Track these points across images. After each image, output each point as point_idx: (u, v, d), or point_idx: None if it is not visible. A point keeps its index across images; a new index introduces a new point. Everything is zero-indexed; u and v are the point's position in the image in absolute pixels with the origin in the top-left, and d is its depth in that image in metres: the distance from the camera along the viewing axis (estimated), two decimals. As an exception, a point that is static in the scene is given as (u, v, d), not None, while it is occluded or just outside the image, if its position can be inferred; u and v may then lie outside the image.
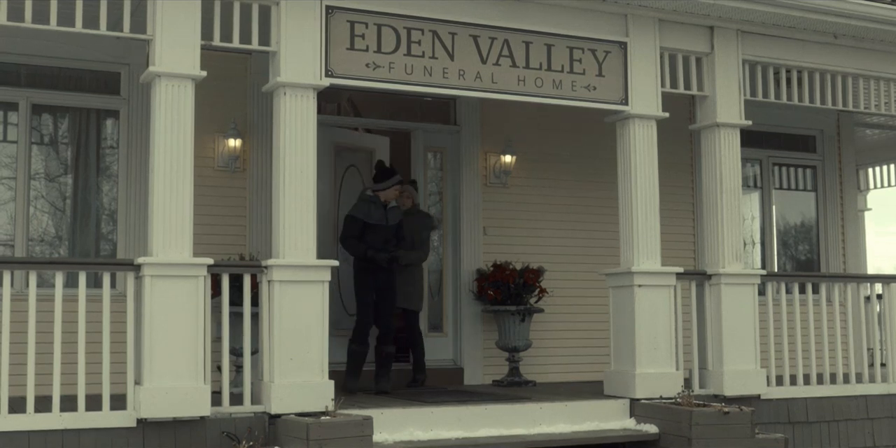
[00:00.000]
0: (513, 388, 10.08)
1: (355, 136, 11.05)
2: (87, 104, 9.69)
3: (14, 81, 9.44)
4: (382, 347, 9.55)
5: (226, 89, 9.82)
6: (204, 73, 7.63)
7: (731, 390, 9.20)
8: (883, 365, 10.39)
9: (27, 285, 7.25)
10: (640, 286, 8.98)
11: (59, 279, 7.23)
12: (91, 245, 9.74)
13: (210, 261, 7.50)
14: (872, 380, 10.16)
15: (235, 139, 9.93)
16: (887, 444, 9.94)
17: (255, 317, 7.80)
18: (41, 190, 9.62)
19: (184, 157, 7.47)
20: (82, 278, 7.28)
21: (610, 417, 8.74)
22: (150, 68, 7.53)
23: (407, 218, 9.96)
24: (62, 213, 9.71)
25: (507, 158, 11.14)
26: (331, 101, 10.59)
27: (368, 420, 7.15)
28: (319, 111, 8.12)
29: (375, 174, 9.87)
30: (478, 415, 8.10)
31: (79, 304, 7.20)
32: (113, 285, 7.61)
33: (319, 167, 8.08)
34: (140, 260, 7.32)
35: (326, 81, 8.02)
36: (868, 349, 10.52)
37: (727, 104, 9.60)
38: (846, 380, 10.01)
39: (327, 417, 7.23)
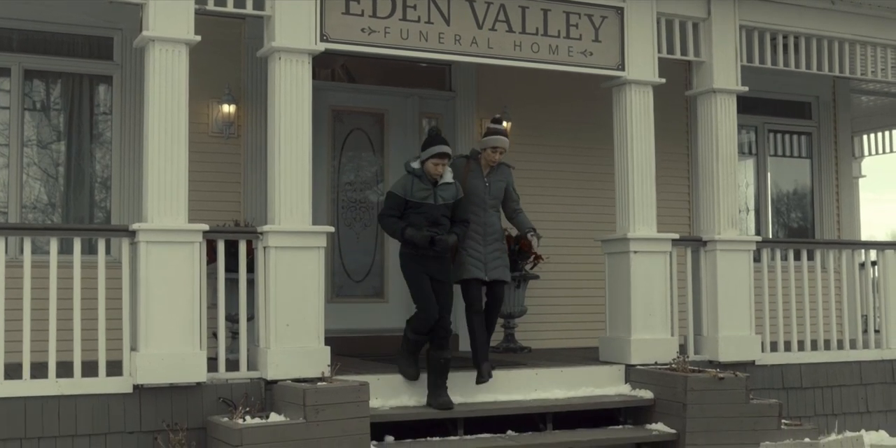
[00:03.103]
0: (508, 354, 10.10)
1: (358, 98, 10.94)
2: (79, 69, 9.63)
3: (6, 47, 9.36)
4: (437, 353, 7.92)
5: (220, 55, 9.75)
6: (198, 38, 7.57)
7: (725, 356, 9.24)
8: (877, 331, 10.44)
9: (21, 252, 7.23)
10: (635, 252, 8.98)
11: (54, 245, 7.20)
12: (85, 212, 9.70)
13: (205, 227, 7.47)
14: (866, 346, 10.22)
15: (230, 105, 9.89)
16: (880, 410, 9.99)
17: (251, 283, 7.79)
18: (34, 157, 9.57)
19: (178, 122, 7.43)
20: (77, 244, 7.26)
21: (605, 383, 8.78)
22: (144, 33, 7.47)
23: (493, 180, 8.45)
24: (55, 180, 9.66)
25: (504, 124, 11.07)
26: (325, 67, 10.52)
27: (365, 386, 7.16)
28: (313, 77, 8.07)
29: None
30: (474, 380, 8.10)
31: (74, 271, 7.18)
32: (108, 252, 7.62)
33: (315, 132, 8.04)
34: (135, 226, 7.29)
35: (321, 46, 7.96)
36: (862, 316, 10.56)
37: (724, 70, 9.57)
38: (840, 346, 10.05)
39: (324, 383, 7.24)
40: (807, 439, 8.34)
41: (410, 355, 8.07)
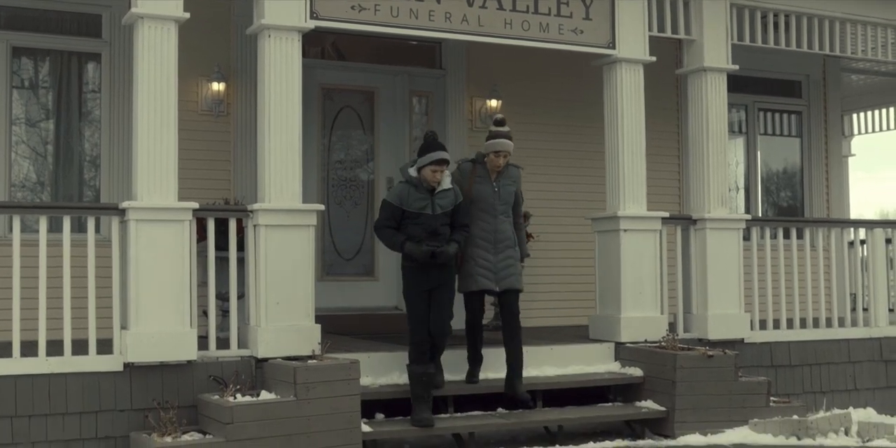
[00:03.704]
0: (498, 331, 10.07)
1: (348, 76, 10.89)
2: (68, 47, 9.58)
3: (-7, 24, 9.32)
4: (424, 366, 7.53)
5: (209, 32, 9.71)
6: (187, 15, 7.53)
7: (715, 334, 9.27)
8: (865, 309, 10.48)
9: (10, 230, 7.21)
10: (625, 231, 9.00)
11: (43, 224, 7.18)
12: (74, 191, 9.67)
13: (195, 205, 7.46)
14: (854, 324, 10.26)
15: (219, 83, 9.85)
16: (868, 387, 10.05)
17: (241, 261, 7.79)
18: (22, 135, 9.52)
19: (167, 100, 7.40)
20: (66, 223, 7.24)
21: (595, 361, 8.81)
22: (133, 10, 7.42)
23: (502, 184, 8.03)
24: (44, 158, 9.63)
25: (493, 103, 11.09)
26: (314, 45, 10.47)
27: (355, 363, 7.17)
28: (303, 55, 8.03)
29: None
30: (463, 358, 8.12)
31: (63, 249, 7.17)
32: (97, 230, 7.61)
33: (305, 110, 8.01)
34: (125, 204, 7.28)
35: (311, 24, 7.92)
36: (851, 294, 10.59)
37: (714, 48, 9.56)
38: (829, 324, 10.09)
39: (314, 361, 7.26)
40: (795, 416, 8.38)
41: (422, 396, 7.46)
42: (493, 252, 7.81)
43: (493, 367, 8.19)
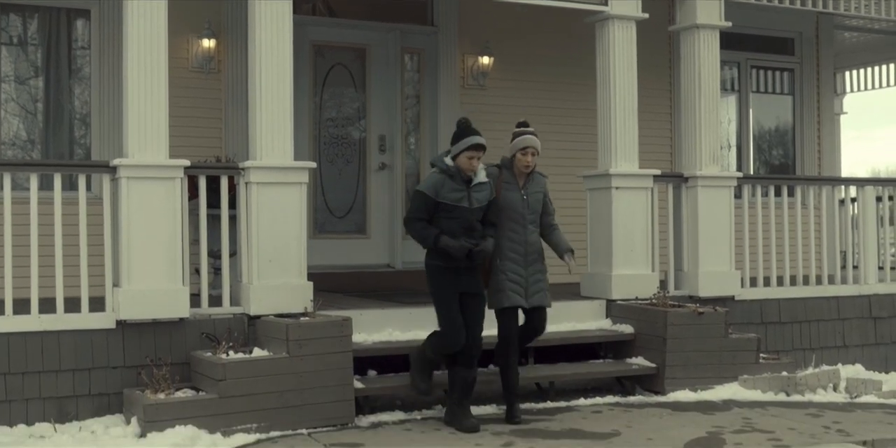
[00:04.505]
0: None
1: (339, 33, 10.81)
2: (57, 3, 9.48)
3: (-20, -20, 9.22)
4: (465, 372, 7.02)
5: (199, -12, 9.63)
6: (176, -29, 7.46)
7: (705, 291, 9.32)
8: (855, 267, 10.52)
9: (1, 188, 7.18)
10: (617, 188, 9.01)
11: (34, 181, 7.16)
12: (64, 149, 9.63)
13: (186, 162, 7.44)
14: (844, 281, 10.31)
15: (210, 40, 9.78)
16: (857, 344, 10.13)
17: (233, 219, 7.79)
18: (11, 93, 9.46)
19: (158, 57, 7.35)
20: (57, 181, 7.22)
21: (586, 318, 8.85)
22: (121, -35, 7.36)
23: (530, 191, 7.42)
24: (34, 116, 9.58)
25: (485, 60, 11.05)
26: (306, 1, 10.39)
27: (348, 321, 7.20)
28: (294, 11, 7.96)
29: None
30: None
31: (54, 207, 7.15)
32: (89, 188, 7.57)
33: (296, 67, 7.96)
34: (116, 161, 7.26)
35: (302, -21, 7.86)
36: (841, 252, 10.64)
37: (707, 5, 9.51)
38: (819, 281, 10.15)
39: (307, 318, 7.29)
40: (784, 373, 8.46)
41: (425, 370, 7.25)
42: (524, 265, 7.24)
43: (486, 324, 8.22)
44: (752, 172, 12.81)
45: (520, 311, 7.30)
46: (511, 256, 7.21)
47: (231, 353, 7.00)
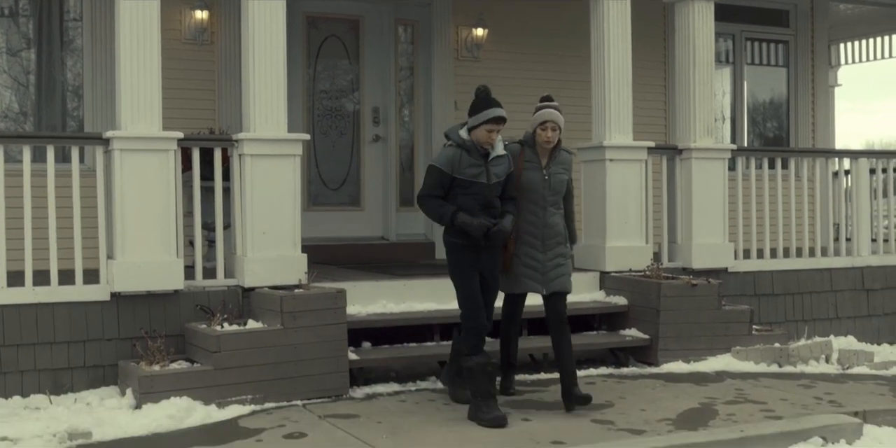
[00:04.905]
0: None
1: (333, 4, 10.76)
2: (47, -26, 9.43)
3: (-30, -50, 9.15)
4: (478, 357, 6.49)
5: (191, -41, 9.57)
6: (168, -59, 7.41)
7: (699, 263, 9.34)
8: (848, 239, 10.54)
9: (-6, 160, 7.16)
10: (611, 160, 9.00)
11: (27, 153, 7.14)
12: (57, 121, 9.61)
13: (180, 134, 7.42)
14: (837, 253, 10.33)
15: (202, 11, 9.74)
16: (849, 316, 10.16)
17: (227, 191, 7.78)
18: (3, 65, 9.42)
19: (150, 29, 7.31)
20: (50, 153, 7.20)
21: (580, 290, 8.84)
22: (113, -64, 7.30)
23: (553, 171, 6.93)
24: (26, 88, 9.54)
25: (479, 32, 11.01)
26: (298, -27, 10.35)
27: (342, 292, 7.21)
28: (287, -18, 7.94)
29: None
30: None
31: (48, 179, 7.13)
32: (82, 160, 7.55)
33: (290, 39, 7.92)
34: (109, 134, 7.24)
35: (295, -50, 7.81)
36: (834, 224, 10.65)
37: (702, -24, 9.48)
38: (812, 253, 10.17)
39: (301, 290, 7.30)
40: (777, 344, 8.50)
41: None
42: (542, 249, 6.79)
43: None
44: (746, 145, 12.81)
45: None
46: (528, 240, 6.77)
47: (225, 325, 7.02)
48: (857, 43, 14.49)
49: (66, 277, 7.14)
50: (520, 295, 7.01)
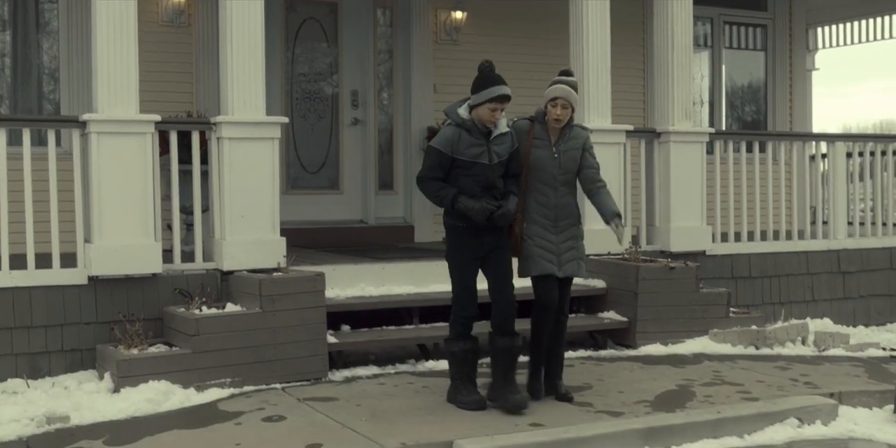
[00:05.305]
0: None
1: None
2: (22, -45, 9.35)
3: (-56, -69, 9.06)
4: (503, 340, 6.28)
5: (167, -59, 9.50)
6: (145, -77, 7.35)
7: (677, 246, 9.37)
8: (825, 222, 10.60)
9: (-30, 143, 7.11)
10: (590, 144, 9.00)
11: (2, 137, 7.07)
12: (33, 104, 9.54)
13: (157, 117, 7.38)
14: (814, 236, 10.38)
15: (180, -7, 9.68)
16: (825, 298, 10.23)
17: (205, 175, 7.75)
18: (-22, 47, 9.36)
19: (127, 10, 7.25)
20: (26, 136, 7.14)
21: (558, 273, 8.87)
22: (89, -84, 7.24)
23: (563, 149, 6.55)
24: (1, 71, 9.46)
25: (458, 15, 10.99)
26: (276, -45, 10.30)
27: (321, 276, 7.20)
28: (265, -36, 7.89)
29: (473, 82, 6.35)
30: (429, 271, 8.18)
31: (24, 163, 7.08)
32: (58, 143, 7.50)
33: (268, 21, 7.88)
34: (85, 116, 7.19)
35: (272, -68, 7.76)
36: (811, 207, 10.71)
37: (681, -40, 9.48)
38: (789, 237, 10.22)
39: (280, 273, 7.29)
40: (754, 327, 8.55)
41: (464, 380, 6.32)
42: (554, 231, 6.46)
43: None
44: (724, 128, 12.86)
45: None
46: (538, 220, 6.44)
47: (204, 308, 7.00)
48: (834, 27, 14.52)
49: (44, 261, 7.10)
50: (544, 280, 6.47)
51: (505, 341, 6.24)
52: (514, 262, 6.43)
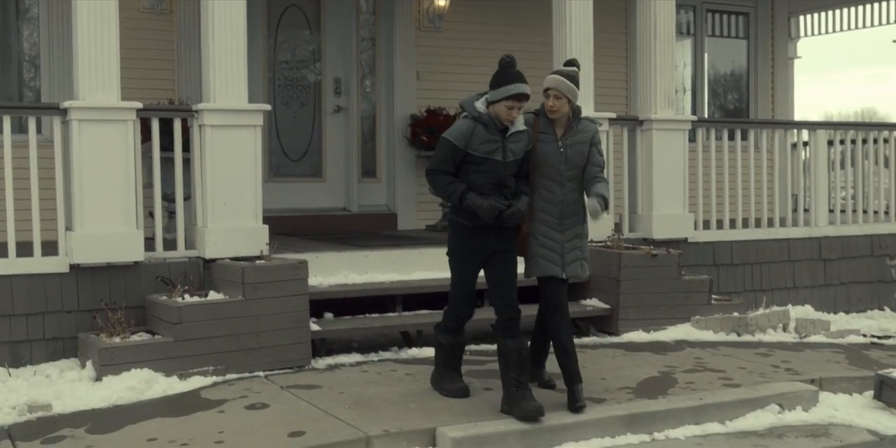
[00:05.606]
0: (445, 232, 10.07)
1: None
2: (2, -59, 9.28)
3: (-77, -84, 8.98)
4: (510, 342, 6.05)
5: (149, -73, 9.44)
6: None
7: (659, 234, 9.40)
8: (806, 210, 10.65)
9: (-50, 130, 7.06)
10: (572, 132, 8.99)
11: (-17, 124, 7.05)
12: (13, 91, 9.49)
13: (139, 105, 7.35)
14: (795, 224, 10.43)
15: (161, -20, 9.63)
16: (807, 285, 10.28)
17: (187, 162, 7.72)
18: (-42, 33, 9.29)
19: (107, -4, 7.22)
20: (7, 123, 7.10)
21: (541, 261, 8.88)
22: None
23: (569, 143, 6.24)
24: (-19, 58, 9.41)
25: (441, 2, 10.97)
26: (258, -59, 10.24)
27: (304, 264, 7.19)
28: (247, -50, 7.85)
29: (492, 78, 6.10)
30: (412, 258, 8.19)
31: (4, 150, 7.05)
32: (39, 131, 7.48)
33: (250, 8, 7.82)
34: (66, 104, 7.15)
35: (254, -82, 7.71)
36: (792, 195, 10.75)
37: (663, -53, 9.47)
38: (770, 224, 10.26)
39: (262, 261, 7.27)
40: (735, 314, 8.59)
41: (448, 367, 6.38)
42: (560, 229, 6.20)
43: (441, 266, 8.26)
44: (706, 116, 12.88)
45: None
46: (544, 218, 6.20)
47: (186, 296, 6.98)
48: (816, 15, 14.54)
49: (25, 249, 7.07)
50: (549, 281, 6.27)
51: (514, 343, 6.03)
52: (521, 261, 6.29)
